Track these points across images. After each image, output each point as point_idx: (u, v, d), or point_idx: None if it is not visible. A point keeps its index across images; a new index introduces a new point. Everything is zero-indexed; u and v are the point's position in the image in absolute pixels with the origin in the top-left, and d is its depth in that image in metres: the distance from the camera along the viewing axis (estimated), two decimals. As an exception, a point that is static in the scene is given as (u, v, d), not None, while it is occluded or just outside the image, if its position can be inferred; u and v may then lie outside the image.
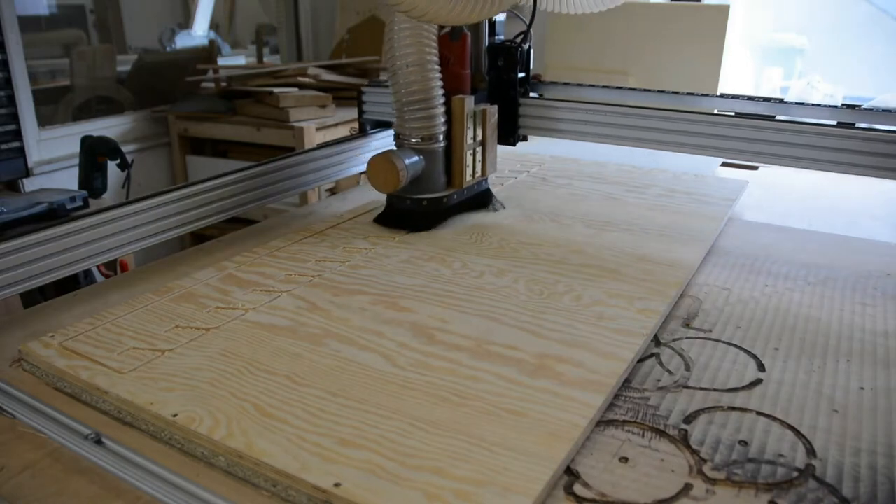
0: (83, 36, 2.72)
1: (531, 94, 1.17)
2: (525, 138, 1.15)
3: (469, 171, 0.95)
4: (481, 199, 1.01)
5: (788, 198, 1.17)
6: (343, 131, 2.11)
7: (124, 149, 1.90)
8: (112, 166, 1.87)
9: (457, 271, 0.81)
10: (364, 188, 1.18)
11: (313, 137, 2.04)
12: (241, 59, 3.32)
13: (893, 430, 0.53)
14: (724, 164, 1.32)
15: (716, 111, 1.04)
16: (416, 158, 0.90)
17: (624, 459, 0.50)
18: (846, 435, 0.53)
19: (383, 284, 0.77)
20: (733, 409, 0.56)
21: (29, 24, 2.41)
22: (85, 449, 0.51)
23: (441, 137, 0.92)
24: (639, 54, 1.57)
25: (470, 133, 0.93)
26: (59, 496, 0.48)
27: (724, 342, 0.67)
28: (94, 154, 1.87)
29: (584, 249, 0.87)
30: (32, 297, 1.03)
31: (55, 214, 1.69)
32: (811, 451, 0.51)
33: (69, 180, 2.06)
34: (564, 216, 1.00)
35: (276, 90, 2.09)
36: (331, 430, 0.51)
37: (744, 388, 0.59)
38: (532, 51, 1.12)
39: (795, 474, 0.48)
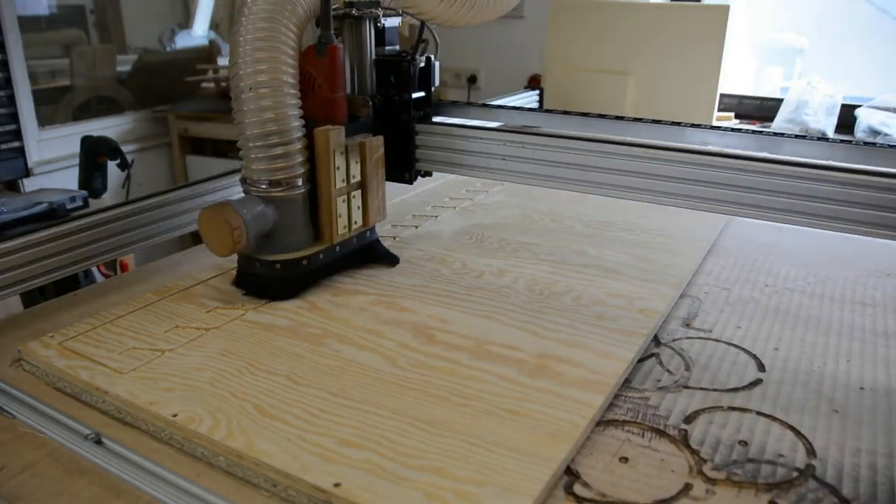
0: (83, 36, 2.72)
1: (436, 120, 0.90)
2: (428, 173, 0.90)
3: (343, 221, 0.75)
4: (366, 254, 0.81)
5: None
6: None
7: (124, 149, 1.90)
8: (112, 166, 1.88)
9: (457, 271, 0.81)
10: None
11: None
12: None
13: (893, 430, 0.53)
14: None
15: (679, 146, 0.77)
16: (262, 210, 0.69)
17: (624, 459, 0.50)
18: (846, 435, 0.53)
19: (383, 284, 0.77)
20: (733, 409, 0.56)
21: (29, 24, 2.41)
22: (85, 449, 0.52)
23: (300, 181, 0.71)
24: (639, 54, 1.57)
25: (341, 174, 0.73)
26: (59, 496, 0.48)
27: (724, 342, 0.67)
28: (94, 154, 1.87)
29: (584, 249, 0.87)
30: (32, 297, 1.03)
31: (55, 214, 1.70)
32: (811, 451, 0.51)
33: (69, 180, 2.06)
34: (564, 216, 1.00)
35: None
36: (331, 430, 0.51)
37: (744, 388, 0.59)
38: (437, 64, 0.88)
39: (795, 474, 0.48)
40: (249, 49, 0.67)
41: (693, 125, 0.83)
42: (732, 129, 0.80)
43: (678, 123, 0.83)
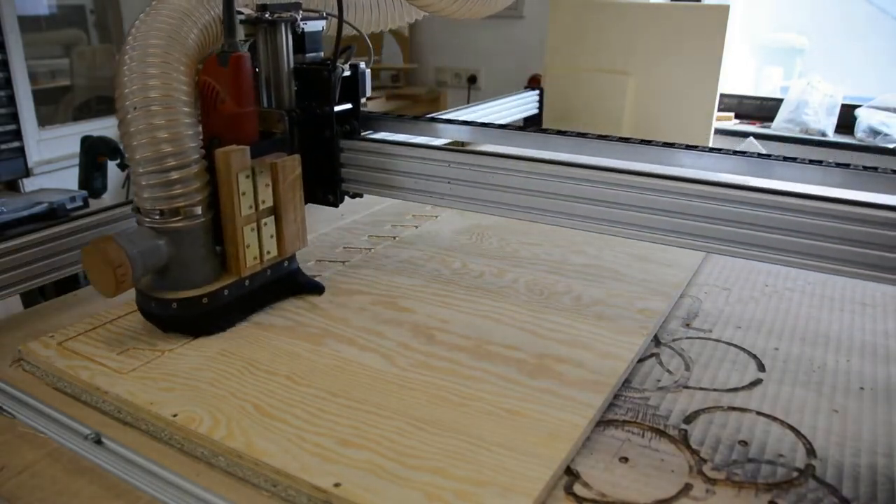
0: (83, 36, 2.72)
1: (367, 134, 0.82)
2: (359, 195, 0.81)
3: (253, 252, 0.67)
4: (285, 287, 0.73)
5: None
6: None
7: (124, 149, 1.90)
8: (112, 166, 1.88)
9: (457, 271, 0.81)
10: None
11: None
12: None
13: (893, 430, 0.53)
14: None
15: (648, 171, 0.65)
16: (153, 244, 0.62)
17: (624, 459, 0.50)
18: (846, 435, 0.53)
19: (383, 284, 0.77)
20: (733, 409, 0.56)
21: (29, 24, 2.41)
22: (85, 449, 0.52)
23: (199, 210, 0.63)
24: (639, 54, 1.57)
25: (248, 199, 0.65)
26: (59, 496, 0.48)
27: (724, 342, 0.67)
28: (94, 154, 1.87)
29: (584, 249, 0.87)
30: (32, 297, 1.03)
31: (55, 214, 1.70)
32: (811, 451, 0.51)
33: (69, 180, 2.06)
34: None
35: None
36: (331, 430, 0.51)
37: (744, 388, 0.59)
38: (367, 72, 0.80)
39: (795, 474, 0.48)
40: (138, 63, 0.60)
41: (671, 145, 0.73)
42: (718, 151, 0.70)
43: (651, 142, 0.74)
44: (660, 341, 0.67)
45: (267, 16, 0.71)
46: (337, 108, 0.76)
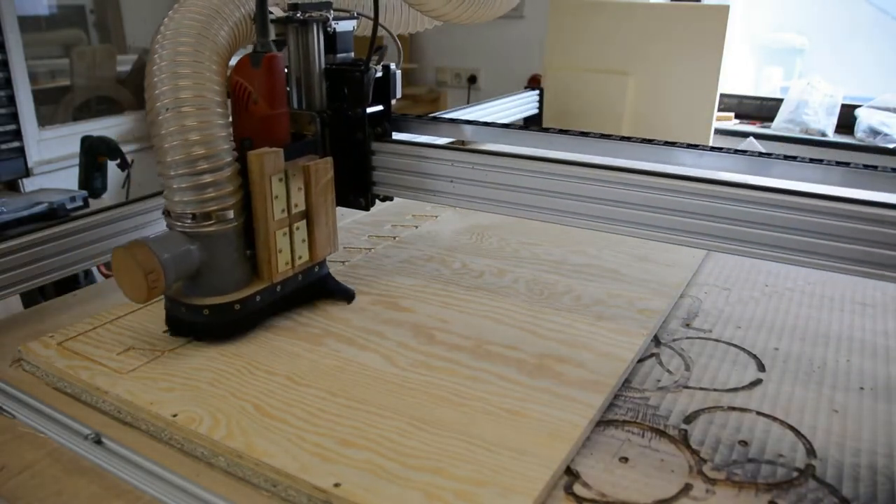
0: (83, 36, 2.72)
1: (396, 137, 0.80)
2: (388, 198, 0.79)
3: (285, 257, 0.65)
4: (316, 292, 0.72)
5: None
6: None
7: (124, 149, 1.90)
8: (112, 166, 1.88)
9: (457, 271, 0.81)
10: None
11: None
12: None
13: (893, 430, 0.53)
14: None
15: (649, 170, 0.65)
16: (185, 249, 0.60)
17: (624, 459, 0.50)
18: (846, 435, 0.53)
19: (383, 284, 0.77)
20: (733, 409, 0.56)
21: (29, 24, 2.41)
22: (85, 449, 0.52)
23: (231, 214, 0.61)
24: (639, 54, 1.57)
25: (281, 203, 0.63)
26: (59, 496, 0.48)
27: (724, 342, 0.67)
28: (94, 154, 1.88)
29: (584, 249, 0.87)
30: (32, 297, 1.03)
31: (55, 214, 1.70)
32: (811, 451, 0.51)
33: (69, 180, 2.06)
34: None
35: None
36: (331, 430, 0.51)
37: (744, 388, 0.59)
38: (398, 73, 0.78)
39: (795, 474, 0.48)
40: (168, 63, 0.59)
41: (672, 144, 0.72)
42: (719, 150, 0.69)
43: (653, 141, 0.73)
44: (660, 341, 0.67)
45: (298, 15, 0.69)
46: (369, 110, 0.74)
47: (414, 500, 0.44)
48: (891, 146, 1.80)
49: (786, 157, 0.66)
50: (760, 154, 0.68)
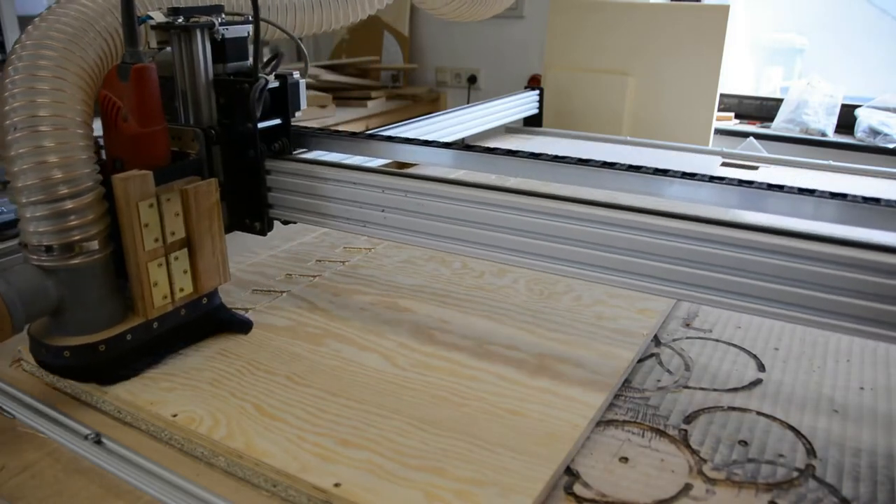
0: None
1: (300, 154, 0.73)
2: (292, 221, 0.71)
3: (162, 291, 0.59)
4: (206, 326, 0.65)
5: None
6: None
7: None
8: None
9: (457, 271, 0.81)
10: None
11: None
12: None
13: (893, 430, 0.53)
14: (724, 165, 1.32)
15: (609, 202, 0.55)
16: (39, 285, 0.54)
17: (624, 459, 0.50)
18: (846, 435, 0.53)
19: (383, 284, 0.77)
20: (733, 409, 0.56)
21: (29, 24, 2.41)
22: (85, 449, 0.52)
23: (96, 244, 0.55)
24: (639, 54, 1.57)
25: (153, 231, 0.57)
26: (59, 496, 0.48)
27: (724, 342, 0.67)
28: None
29: (584, 249, 0.87)
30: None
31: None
32: (811, 451, 0.51)
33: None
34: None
35: (276, 90, 2.09)
36: (331, 430, 0.51)
37: (744, 388, 0.59)
38: (303, 83, 0.71)
39: (795, 474, 0.48)
40: (24, 76, 0.53)
41: (638, 169, 0.63)
42: (692, 177, 0.60)
43: (641, 169, 0.63)
44: (660, 341, 0.67)
45: (180, 20, 0.63)
46: (262, 125, 0.68)
47: (414, 500, 0.44)
48: (891, 146, 1.80)
49: (770, 187, 0.57)
50: (741, 182, 0.58)
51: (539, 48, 1.74)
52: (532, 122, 1.62)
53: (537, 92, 1.61)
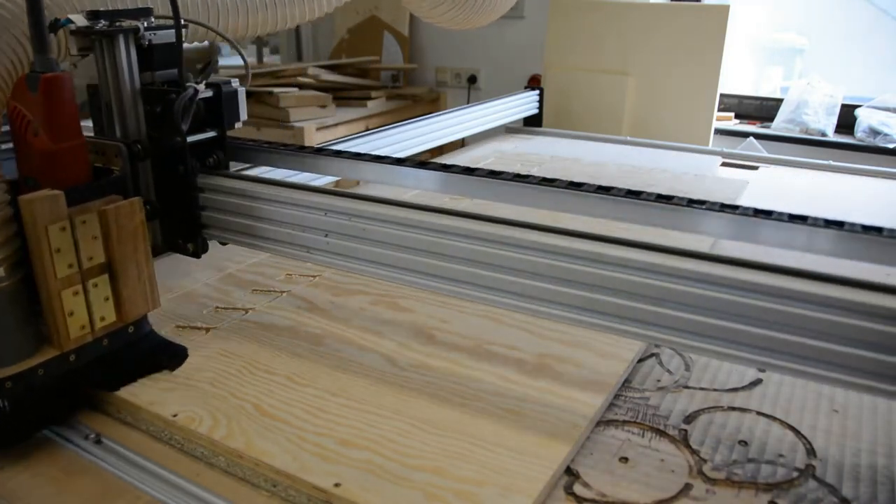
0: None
1: (241, 170, 0.69)
2: (223, 242, 0.66)
3: (79, 320, 0.53)
4: (133, 357, 0.58)
5: (787, 197, 1.17)
6: (343, 131, 2.11)
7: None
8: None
9: (457, 271, 0.81)
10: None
11: (313, 137, 2.04)
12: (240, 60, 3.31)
13: (893, 430, 0.53)
14: (724, 165, 1.32)
15: (576, 231, 0.51)
16: None
17: (624, 459, 0.50)
18: (846, 435, 0.53)
19: (383, 284, 0.77)
20: (733, 409, 0.56)
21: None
22: (85, 449, 0.51)
23: (2, 271, 0.50)
24: (639, 54, 1.57)
25: (66, 257, 0.51)
26: (59, 496, 0.48)
27: (724, 342, 0.67)
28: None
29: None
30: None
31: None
32: (811, 451, 0.51)
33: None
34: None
35: (276, 90, 2.09)
36: (331, 430, 0.51)
37: (744, 388, 0.59)
38: (242, 91, 0.65)
39: (795, 474, 0.48)
40: None
41: (608, 190, 0.57)
42: (689, 203, 0.54)
43: (583, 186, 0.58)
44: (660, 341, 0.67)
45: (101, 25, 0.58)
46: (193, 138, 0.62)
47: (414, 500, 0.44)
48: (891, 146, 1.80)
49: (756, 213, 0.51)
50: (752, 212, 0.52)
51: (539, 48, 1.74)
52: (532, 122, 1.62)
53: (537, 92, 1.61)
